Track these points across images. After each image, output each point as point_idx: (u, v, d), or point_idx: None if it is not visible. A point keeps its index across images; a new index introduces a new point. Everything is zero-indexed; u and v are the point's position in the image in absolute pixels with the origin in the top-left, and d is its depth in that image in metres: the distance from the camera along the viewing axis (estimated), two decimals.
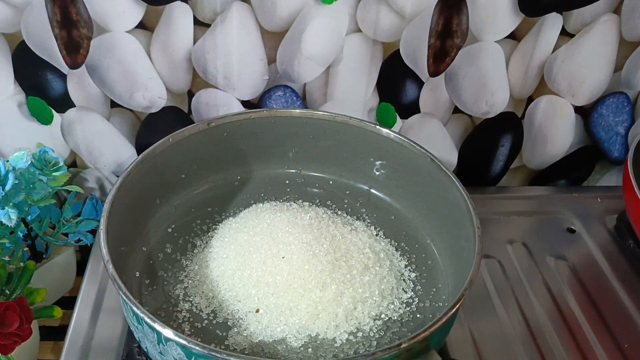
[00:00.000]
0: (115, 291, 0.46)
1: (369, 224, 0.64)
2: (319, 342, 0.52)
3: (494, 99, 0.74)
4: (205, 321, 0.53)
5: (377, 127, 0.63)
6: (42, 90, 0.67)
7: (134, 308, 0.44)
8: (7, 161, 0.58)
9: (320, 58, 0.68)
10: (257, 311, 0.53)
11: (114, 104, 0.69)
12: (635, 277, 0.68)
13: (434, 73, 0.70)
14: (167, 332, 0.43)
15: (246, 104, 0.71)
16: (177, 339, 0.42)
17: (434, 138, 0.76)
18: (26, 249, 0.65)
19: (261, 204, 0.64)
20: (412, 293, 0.57)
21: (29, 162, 0.59)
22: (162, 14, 0.63)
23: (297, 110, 0.66)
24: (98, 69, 0.66)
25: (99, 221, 0.52)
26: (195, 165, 0.64)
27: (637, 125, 0.79)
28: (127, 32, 0.64)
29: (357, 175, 0.67)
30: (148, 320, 0.43)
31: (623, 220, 0.74)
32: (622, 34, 0.70)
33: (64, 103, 0.68)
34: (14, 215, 0.56)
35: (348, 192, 0.67)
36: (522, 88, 0.73)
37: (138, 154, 0.64)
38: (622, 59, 0.73)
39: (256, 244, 0.57)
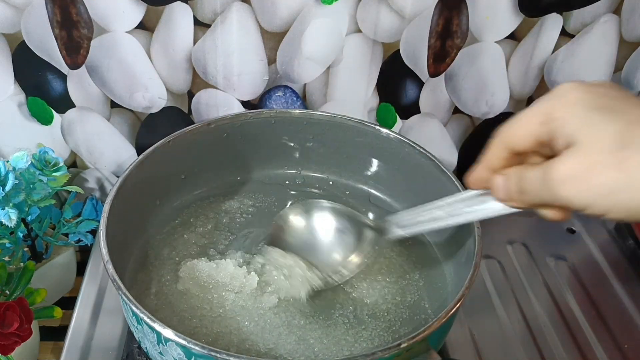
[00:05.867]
0: (115, 291, 0.46)
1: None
2: (319, 342, 0.52)
3: (494, 100, 0.74)
4: None
5: (377, 127, 0.63)
6: (42, 90, 0.67)
7: (134, 308, 0.44)
8: (7, 161, 0.58)
9: (320, 58, 0.68)
10: None
11: (114, 104, 0.69)
12: (635, 277, 0.68)
13: (434, 73, 0.70)
14: (167, 332, 0.43)
15: (246, 104, 0.71)
16: (177, 339, 0.42)
17: (434, 138, 0.76)
18: (26, 249, 0.65)
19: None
20: (413, 293, 0.57)
21: (29, 163, 0.59)
22: (162, 14, 0.63)
23: (297, 111, 0.66)
24: (98, 69, 0.66)
25: (99, 221, 0.52)
26: (195, 165, 0.64)
27: None
28: (127, 32, 0.64)
29: (357, 175, 0.67)
30: (148, 320, 0.43)
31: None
32: (622, 34, 0.70)
33: (64, 103, 0.68)
34: (14, 215, 0.56)
35: (348, 192, 0.67)
36: (522, 88, 0.73)
37: (138, 154, 0.64)
38: (622, 60, 0.73)
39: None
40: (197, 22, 0.64)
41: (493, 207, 0.43)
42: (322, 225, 0.53)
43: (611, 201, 0.33)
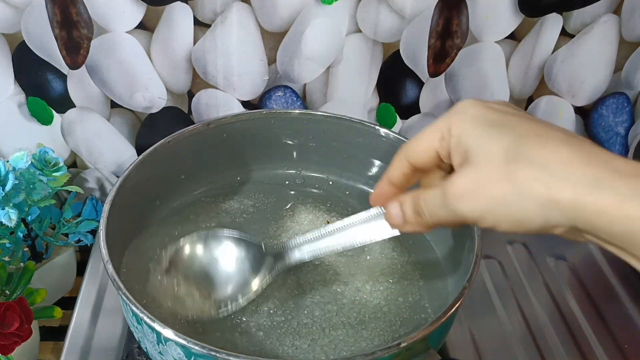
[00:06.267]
0: (115, 291, 0.46)
1: None
2: (319, 342, 0.52)
3: (494, 100, 0.73)
4: None
5: (377, 127, 0.63)
6: (42, 90, 0.67)
7: (134, 308, 0.44)
8: (7, 161, 0.58)
9: (320, 58, 0.68)
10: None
11: (114, 104, 0.69)
12: (635, 277, 0.68)
13: (434, 73, 0.70)
14: (167, 332, 0.43)
15: (246, 104, 0.71)
16: (176, 338, 0.42)
17: None
18: (26, 249, 0.65)
19: None
20: (413, 293, 0.57)
21: (29, 163, 0.59)
22: (162, 14, 0.63)
23: (297, 111, 0.66)
24: (98, 69, 0.66)
25: (99, 221, 0.52)
26: (195, 165, 0.64)
27: (637, 125, 0.79)
28: (127, 32, 0.64)
29: (357, 175, 0.67)
30: (148, 320, 0.43)
31: None
32: (622, 34, 0.70)
33: (64, 103, 0.68)
34: (14, 215, 0.56)
35: (348, 193, 0.67)
36: (522, 88, 0.73)
37: (138, 154, 0.64)
38: (622, 60, 0.73)
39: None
40: (197, 22, 0.64)
41: (388, 231, 0.44)
42: (220, 254, 0.53)
43: (501, 212, 0.34)
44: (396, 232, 0.44)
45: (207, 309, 0.51)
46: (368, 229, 0.46)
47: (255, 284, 0.51)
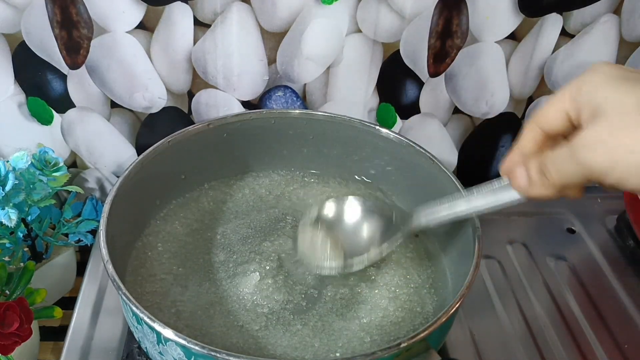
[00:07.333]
0: (115, 291, 0.46)
1: None
2: (319, 342, 0.52)
3: (494, 100, 0.74)
4: None
5: (377, 127, 0.63)
6: (42, 90, 0.67)
7: (134, 308, 0.44)
8: (7, 161, 0.58)
9: (320, 58, 0.68)
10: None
11: (114, 104, 0.69)
12: (635, 277, 0.68)
13: (434, 73, 0.70)
14: (167, 332, 0.43)
15: (246, 104, 0.71)
16: (176, 338, 0.42)
17: (434, 138, 0.76)
18: (26, 249, 0.65)
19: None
20: (412, 293, 0.57)
21: (29, 163, 0.59)
22: (162, 14, 0.63)
23: (297, 111, 0.66)
24: (98, 69, 0.66)
25: (99, 221, 0.52)
26: (195, 166, 0.64)
27: None
28: (127, 32, 0.64)
29: (357, 175, 0.67)
30: (148, 320, 0.43)
31: (623, 221, 0.74)
32: (622, 34, 0.70)
33: (64, 103, 0.68)
34: (14, 215, 0.56)
35: (348, 193, 0.67)
36: (522, 88, 0.73)
37: (138, 154, 0.64)
38: (622, 60, 0.73)
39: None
40: (197, 22, 0.64)
41: (514, 196, 0.44)
42: (356, 217, 0.57)
43: (631, 162, 0.33)
44: (521, 198, 0.43)
45: (336, 261, 0.54)
46: (494, 197, 0.47)
47: (383, 246, 0.55)
